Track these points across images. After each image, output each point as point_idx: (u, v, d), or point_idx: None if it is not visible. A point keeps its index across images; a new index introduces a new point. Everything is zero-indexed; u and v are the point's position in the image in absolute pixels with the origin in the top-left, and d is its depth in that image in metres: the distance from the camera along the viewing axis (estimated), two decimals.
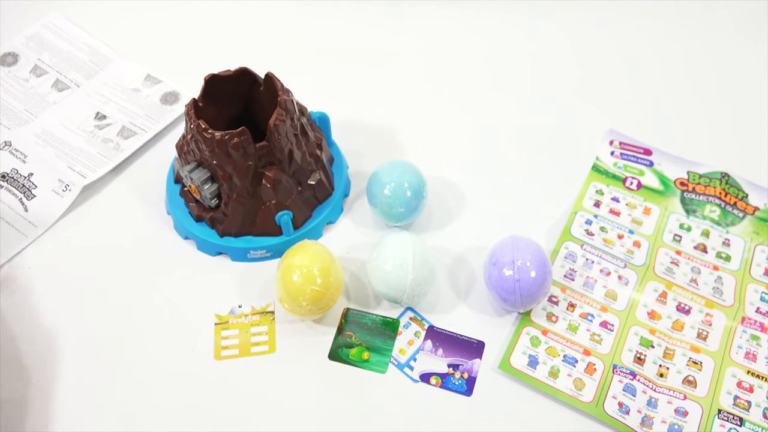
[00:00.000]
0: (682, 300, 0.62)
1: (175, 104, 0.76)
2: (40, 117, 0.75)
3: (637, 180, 0.70)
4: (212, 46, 0.83)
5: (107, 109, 0.76)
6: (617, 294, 0.62)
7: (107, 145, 0.72)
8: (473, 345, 0.59)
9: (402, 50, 0.83)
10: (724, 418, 0.55)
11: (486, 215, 0.68)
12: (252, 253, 0.64)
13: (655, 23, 0.85)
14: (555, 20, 0.86)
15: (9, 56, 0.80)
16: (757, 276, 0.64)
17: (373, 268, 0.59)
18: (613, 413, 0.55)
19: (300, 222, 0.64)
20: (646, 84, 0.79)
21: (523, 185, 0.70)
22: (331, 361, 0.59)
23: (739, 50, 0.82)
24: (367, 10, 0.86)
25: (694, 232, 0.67)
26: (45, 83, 0.78)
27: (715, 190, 0.69)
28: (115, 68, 0.80)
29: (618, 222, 0.67)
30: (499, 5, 0.87)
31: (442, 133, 0.75)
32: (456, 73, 0.80)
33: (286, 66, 0.71)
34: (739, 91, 0.78)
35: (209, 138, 0.58)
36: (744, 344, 0.60)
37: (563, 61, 0.82)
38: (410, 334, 0.60)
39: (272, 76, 0.62)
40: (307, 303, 0.57)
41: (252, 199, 0.62)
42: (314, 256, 0.58)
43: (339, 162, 0.69)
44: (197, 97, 0.62)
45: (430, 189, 0.66)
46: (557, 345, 0.59)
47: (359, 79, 0.80)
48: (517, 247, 0.58)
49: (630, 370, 0.58)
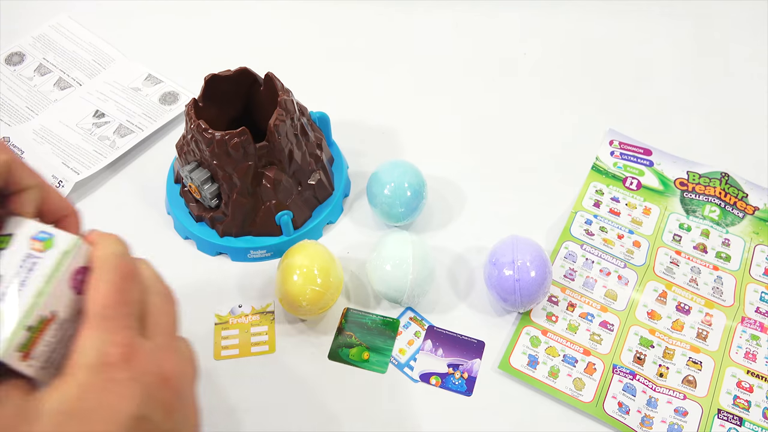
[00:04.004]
0: (681, 300, 0.62)
1: (174, 104, 0.76)
2: (41, 114, 0.75)
3: (637, 180, 0.70)
4: (213, 46, 0.83)
5: (106, 107, 0.76)
6: (617, 294, 0.62)
7: (103, 142, 0.73)
8: (473, 345, 0.59)
9: (402, 50, 0.83)
10: (724, 417, 0.56)
11: (486, 215, 0.68)
12: (252, 253, 0.64)
13: (655, 23, 0.85)
14: (555, 20, 0.86)
15: (15, 56, 0.81)
16: (757, 276, 0.64)
17: (373, 268, 0.59)
18: (612, 413, 0.55)
19: (300, 222, 0.65)
20: (646, 84, 0.79)
21: (523, 185, 0.70)
22: (331, 361, 0.59)
23: (740, 50, 0.82)
24: (367, 11, 0.86)
25: (693, 232, 0.67)
26: (48, 81, 0.79)
27: (714, 190, 0.69)
28: (117, 67, 0.80)
29: (618, 222, 0.67)
30: (499, 5, 0.87)
31: (443, 134, 0.75)
32: (456, 74, 0.80)
33: (286, 66, 0.71)
34: (739, 91, 0.78)
35: (209, 138, 0.58)
36: (744, 344, 0.60)
37: (563, 61, 0.82)
38: (410, 334, 0.60)
39: (272, 76, 0.62)
40: (307, 303, 0.57)
41: (252, 199, 0.62)
42: (314, 256, 0.58)
43: (339, 162, 0.69)
44: (197, 97, 0.62)
45: (430, 189, 0.66)
46: (557, 345, 0.59)
47: (359, 79, 0.80)
48: (517, 247, 0.58)
49: (630, 370, 0.58)
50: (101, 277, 0.38)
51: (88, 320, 0.37)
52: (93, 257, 0.39)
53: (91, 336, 0.36)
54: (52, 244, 0.38)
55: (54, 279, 0.37)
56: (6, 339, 0.35)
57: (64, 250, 0.38)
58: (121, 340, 0.36)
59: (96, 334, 0.36)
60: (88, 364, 0.35)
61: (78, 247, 0.38)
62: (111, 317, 0.37)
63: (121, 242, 0.40)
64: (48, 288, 0.37)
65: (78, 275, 0.38)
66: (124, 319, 0.37)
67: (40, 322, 0.36)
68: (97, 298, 0.37)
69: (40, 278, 0.37)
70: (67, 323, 0.38)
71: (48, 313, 0.37)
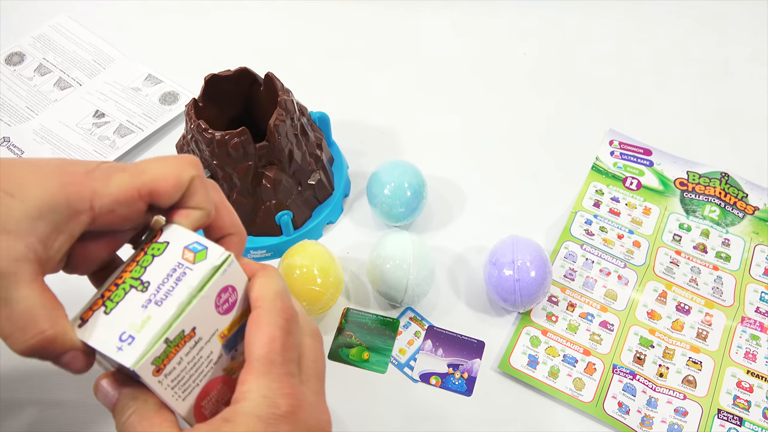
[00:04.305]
0: (681, 300, 0.62)
1: (174, 104, 0.76)
2: (41, 114, 0.75)
3: (636, 180, 0.71)
4: (213, 46, 0.83)
5: (106, 107, 0.76)
6: (617, 294, 0.62)
7: (103, 142, 0.73)
8: (473, 345, 0.59)
9: (402, 50, 0.83)
10: (724, 417, 0.56)
11: (486, 215, 0.68)
12: (252, 253, 0.64)
13: (654, 23, 0.85)
14: (555, 20, 0.86)
15: (15, 56, 0.81)
16: (757, 276, 0.64)
17: (373, 268, 0.59)
18: (612, 413, 0.55)
19: (300, 222, 0.65)
20: (647, 84, 0.79)
21: (523, 185, 0.70)
22: (331, 361, 0.59)
23: (740, 50, 0.82)
24: (367, 10, 0.86)
25: (693, 232, 0.67)
26: (48, 81, 0.79)
27: (714, 190, 0.69)
28: (117, 67, 0.80)
29: (618, 222, 0.67)
30: (499, 5, 0.87)
31: (443, 134, 0.75)
32: (456, 74, 0.80)
33: (286, 66, 0.71)
34: (739, 91, 0.78)
35: (209, 138, 0.58)
36: (744, 344, 0.60)
37: (563, 60, 0.82)
38: (410, 334, 0.60)
39: (272, 76, 0.62)
40: (307, 303, 0.57)
41: (252, 199, 0.62)
42: (314, 256, 0.58)
43: (339, 162, 0.69)
44: (197, 97, 0.62)
45: (430, 189, 0.66)
46: (557, 345, 0.59)
47: (359, 79, 0.80)
48: (517, 247, 0.58)
49: (630, 370, 0.58)
50: (267, 319, 0.36)
51: (253, 365, 0.35)
52: (256, 294, 0.37)
53: (259, 383, 0.35)
54: (205, 256, 0.36)
55: (200, 293, 0.35)
56: (142, 350, 0.34)
57: (215, 264, 0.36)
58: (289, 391, 0.35)
59: (263, 381, 0.35)
60: (259, 415, 0.34)
61: (229, 264, 0.36)
62: (277, 363, 0.35)
63: (282, 278, 0.39)
64: (192, 302, 0.35)
65: (224, 293, 0.36)
66: (289, 365, 0.36)
67: (179, 336, 0.35)
68: (263, 340, 0.35)
69: (186, 290, 0.35)
70: (203, 343, 0.36)
71: (188, 328, 0.35)
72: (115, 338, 0.34)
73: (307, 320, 0.40)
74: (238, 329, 0.38)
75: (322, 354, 0.40)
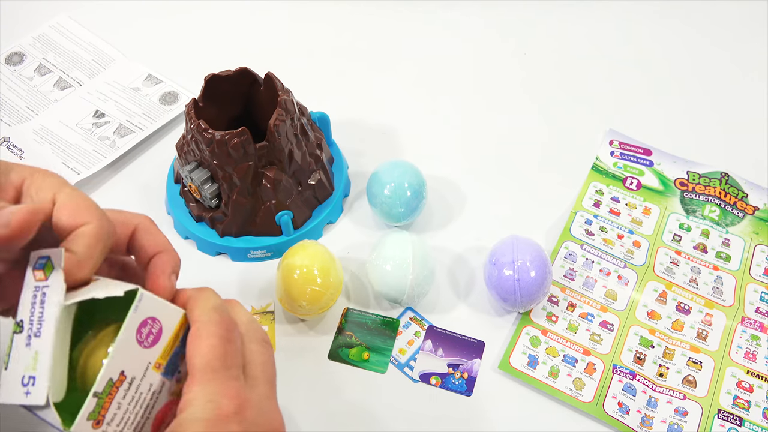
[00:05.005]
0: (681, 300, 0.62)
1: (174, 104, 0.76)
2: (41, 114, 0.75)
3: (636, 180, 0.70)
4: (213, 47, 0.83)
5: (106, 107, 0.76)
6: (617, 294, 0.62)
7: (103, 142, 0.73)
8: (473, 345, 0.59)
9: (402, 50, 0.83)
10: (724, 417, 0.56)
11: (486, 215, 0.68)
12: (252, 253, 0.64)
13: (654, 23, 0.85)
14: (555, 20, 0.86)
15: (15, 56, 0.81)
16: (757, 276, 0.64)
17: (373, 268, 0.59)
18: (612, 413, 0.55)
19: (300, 222, 0.65)
20: (646, 84, 0.79)
21: (523, 185, 0.70)
22: (331, 361, 0.59)
23: (740, 49, 0.82)
24: (367, 11, 0.86)
25: (693, 232, 0.67)
26: (48, 81, 0.79)
27: (714, 190, 0.69)
28: (117, 67, 0.80)
29: (618, 222, 0.67)
30: (499, 5, 0.87)
31: (443, 134, 0.75)
32: (456, 74, 0.80)
33: (286, 66, 0.71)
34: (740, 91, 0.78)
35: (209, 138, 0.58)
36: (744, 344, 0.60)
37: (564, 61, 0.82)
38: (410, 334, 0.60)
39: (272, 76, 0.62)
40: (307, 303, 0.57)
41: (252, 199, 0.62)
42: (314, 256, 0.58)
43: (339, 162, 0.69)
44: (197, 97, 0.62)
45: (430, 189, 0.66)
46: (557, 345, 0.59)
47: (359, 79, 0.80)
48: (517, 247, 0.58)
49: (630, 370, 0.58)
50: (206, 331, 0.37)
51: (195, 375, 0.36)
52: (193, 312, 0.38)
53: (202, 390, 0.35)
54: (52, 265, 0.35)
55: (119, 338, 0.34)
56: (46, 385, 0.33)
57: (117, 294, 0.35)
58: (233, 392, 0.35)
59: (207, 387, 0.35)
60: (205, 419, 0.34)
61: (139, 299, 0.35)
62: (219, 369, 0.36)
63: (216, 295, 0.40)
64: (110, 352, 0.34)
65: (143, 327, 0.36)
66: (231, 370, 0.36)
67: (108, 385, 0.34)
68: (202, 352, 0.36)
69: (55, 308, 0.34)
70: (138, 380, 0.36)
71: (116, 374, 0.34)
72: (18, 386, 0.34)
73: (254, 328, 0.41)
74: (175, 352, 0.38)
75: (271, 359, 0.41)
